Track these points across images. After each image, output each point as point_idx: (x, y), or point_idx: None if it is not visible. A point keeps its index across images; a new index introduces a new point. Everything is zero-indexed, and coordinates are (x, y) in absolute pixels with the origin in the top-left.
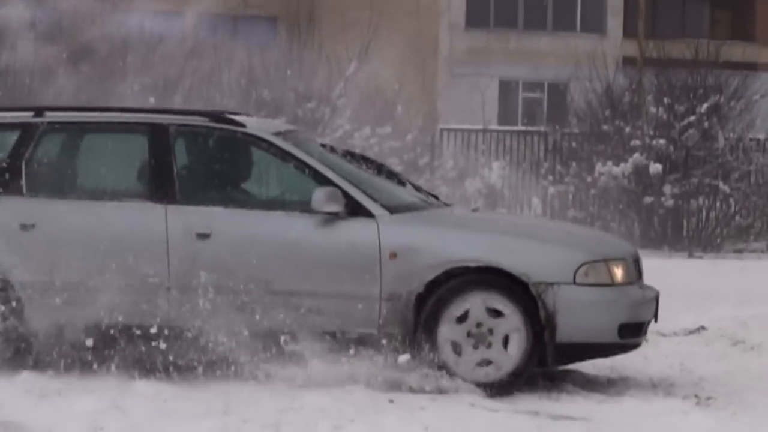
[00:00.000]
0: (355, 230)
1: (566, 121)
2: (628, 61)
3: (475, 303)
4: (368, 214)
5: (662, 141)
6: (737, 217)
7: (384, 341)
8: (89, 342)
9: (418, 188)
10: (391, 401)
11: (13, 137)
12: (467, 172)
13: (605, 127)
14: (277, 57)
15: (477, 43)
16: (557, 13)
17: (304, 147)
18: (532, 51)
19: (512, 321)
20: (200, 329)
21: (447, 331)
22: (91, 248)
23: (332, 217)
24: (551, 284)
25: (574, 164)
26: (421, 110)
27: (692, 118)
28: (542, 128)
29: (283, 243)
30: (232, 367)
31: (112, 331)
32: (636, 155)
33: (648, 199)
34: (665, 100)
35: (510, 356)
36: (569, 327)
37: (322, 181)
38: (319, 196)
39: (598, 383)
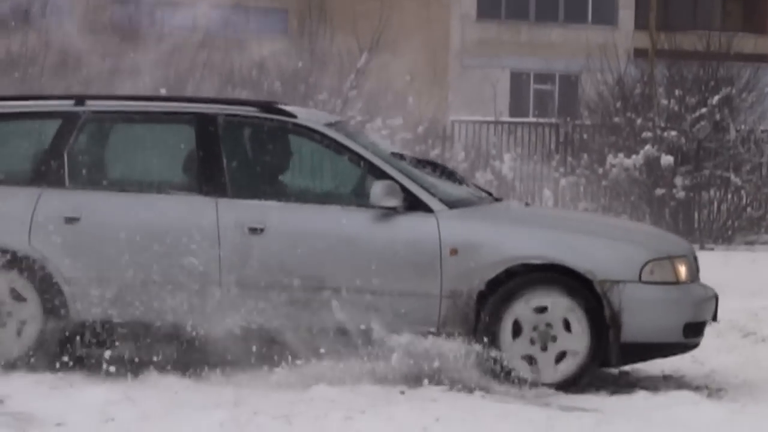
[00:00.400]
0: (414, 226)
1: (577, 113)
2: (639, 53)
3: (537, 301)
4: (427, 209)
5: (674, 133)
6: (749, 209)
7: (443, 340)
8: (136, 339)
9: (465, 181)
10: (402, 393)
11: (53, 127)
12: (478, 163)
13: (617, 119)
14: (289, 49)
15: (488, 35)
16: (569, 4)
17: (356, 139)
18: (543, 43)
19: (575, 317)
20: (251, 326)
21: (510, 328)
22: (139, 243)
23: (389, 212)
24: (617, 282)
25: (585, 156)
26: (432, 102)
27: (704, 110)
28: (553, 120)
29: (339, 238)
30: (282, 366)
31: (159, 328)
32: (647, 147)
33: (659, 191)
34: (677, 92)
35: (578, 347)
36: (635, 326)
37: (378, 174)
38: (378, 190)
39: (610, 375)
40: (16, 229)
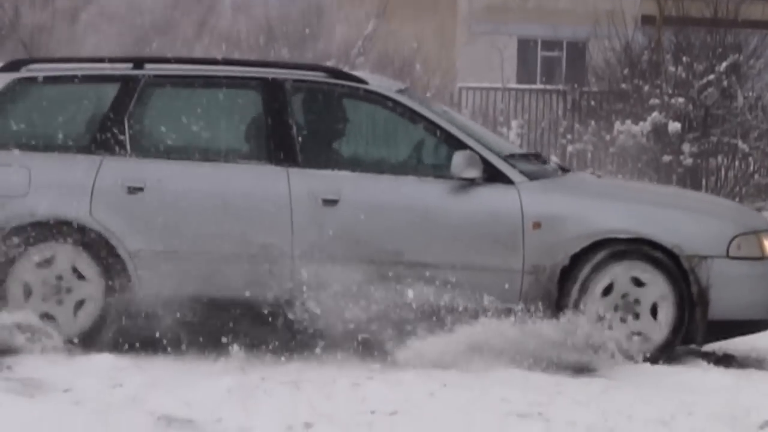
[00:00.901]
0: (494, 198)
1: (585, 80)
2: (647, 20)
3: (622, 275)
4: (507, 181)
5: (681, 100)
6: (756, 176)
7: (526, 316)
8: (202, 315)
9: (534, 153)
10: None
11: (111, 91)
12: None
13: (624, 86)
14: (296, 15)
15: (496, 1)
16: None
17: (429, 107)
18: (550, 9)
19: (659, 291)
20: (325, 302)
21: (593, 304)
22: (207, 214)
23: (468, 184)
24: (704, 258)
25: (592, 123)
26: (439, 69)
27: (711, 76)
28: (561, 87)
29: (418, 211)
30: (354, 344)
31: (228, 303)
32: (655, 114)
33: (667, 158)
34: (684, 58)
35: (660, 327)
36: (723, 303)
37: (455, 144)
38: (459, 161)
39: None
40: (76, 199)
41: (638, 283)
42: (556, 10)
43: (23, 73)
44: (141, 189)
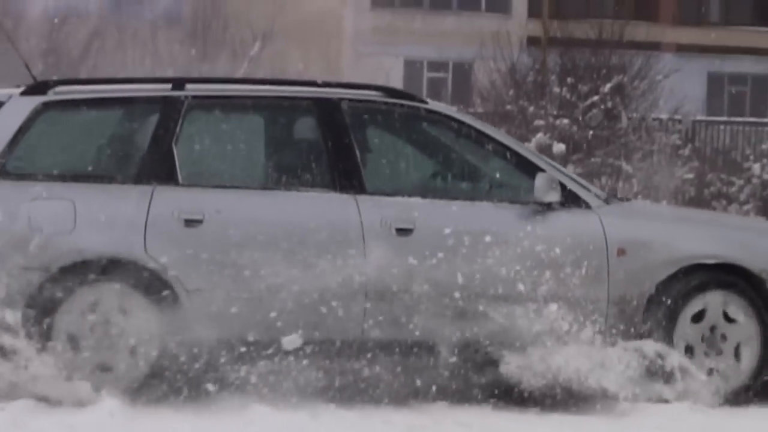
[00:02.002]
0: (576, 223)
1: (471, 101)
2: (532, 41)
3: (712, 304)
4: (584, 205)
5: (566, 121)
6: (640, 197)
7: (609, 350)
8: (264, 361)
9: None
10: None
11: (151, 115)
12: None
13: (509, 107)
14: (182, 36)
15: (382, 23)
16: None
17: (489, 127)
18: (437, 31)
19: (747, 328)
20: (403, 339)
21: (682, 335)
22: (274, 247)
23: (545, 208)
24: None
25: None
26: None
27: (596, 98)
28: None
29: (498, 239)
30: (432, 389)
31: (298, 346)
32: (539, 135)
33: None
34: (569, 80)
35: (741, 369)
36: None
37: (527, 166)
38: (542, 184)
39: None
40: (129, 235)
41: (727, 317)
42: (442, 31)
43: (51, 96)
44: (200, 221)
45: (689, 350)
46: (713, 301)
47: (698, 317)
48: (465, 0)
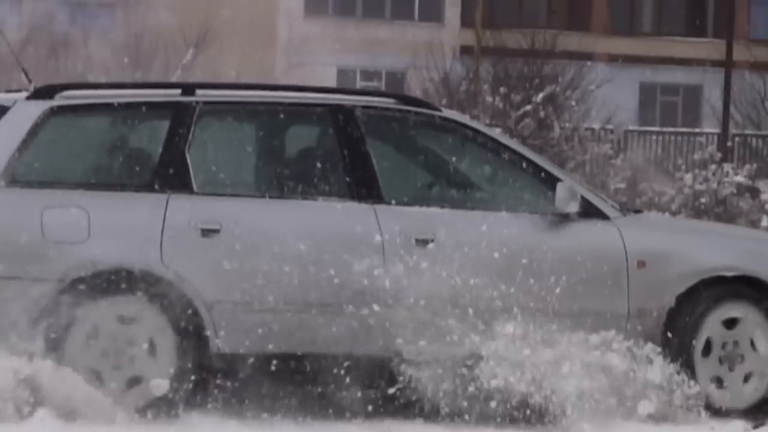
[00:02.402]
0: (596, 234)
1: None
2: (465, 51)
3: (728, 315)
4: (602, 216)
5: (498, 130)
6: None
7: (626, 365)
8: (288, 373)
9: None
10: None
11: (162, 121)
12: None
13: None
14: (114, 43)
15: (315, 31)
16: (396, 2)
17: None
18: (370, 40)
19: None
20: (424, 355)
21: (701, 348)
22: (294, 258)
23: (563, 219)
24: None
25: None
26: None
27: (528, 107)
28: None
29: (518, 250)
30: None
31: (327, 362)
32: None
33: None
34: (502, 89)
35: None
36: None
37: (543, 175)
38: (563, 194)
39: None
40: (144, 245)
41: (741, 325)
42: (375, 40)
43: (58, 100)
44: (216, 231)
45: (711, 365)
46: (738, 311)
47: (728, 325)
48: (398, 9)
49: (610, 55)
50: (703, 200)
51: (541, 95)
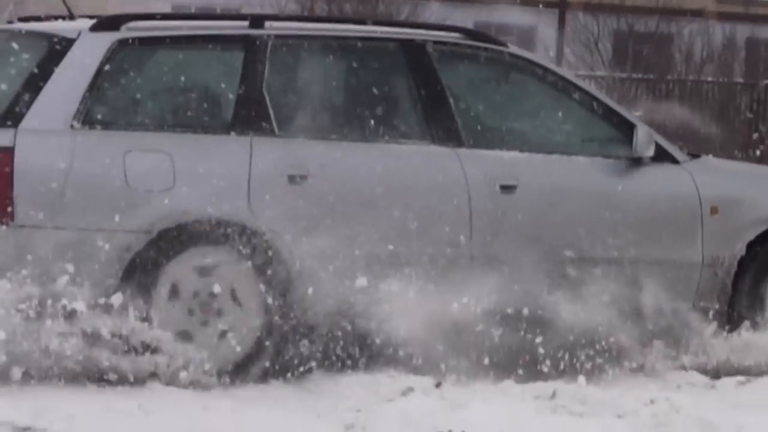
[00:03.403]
0: (670, 179)
1: None
2: None
3: None
4: (672, 160)
5: None
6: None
7: (697, 319)
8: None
9: None
10: None
11: (234, 56)
12: None
13: None
14: None
15: None
16: None
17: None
18: None
19: None
20: (508, 309)
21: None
22: (388, 207)
23: (635, 163)
24: None
25: None
26: None
27: None
28: None
29: (598, 196)
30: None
31: (411, 314)
32: None
33: None
34: None
35: None
36: None
37: (614, 117)
38: (643, 138)
39: None
40: (232, 193)
41: None
42: None
43: (125, 32)
44: (305, 177)
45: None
46: None
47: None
48: None
49: None
50: None
51: None
